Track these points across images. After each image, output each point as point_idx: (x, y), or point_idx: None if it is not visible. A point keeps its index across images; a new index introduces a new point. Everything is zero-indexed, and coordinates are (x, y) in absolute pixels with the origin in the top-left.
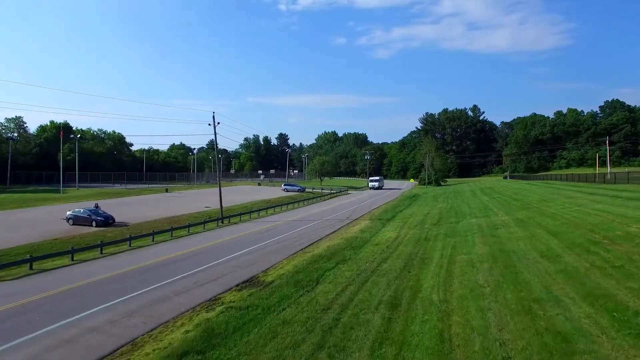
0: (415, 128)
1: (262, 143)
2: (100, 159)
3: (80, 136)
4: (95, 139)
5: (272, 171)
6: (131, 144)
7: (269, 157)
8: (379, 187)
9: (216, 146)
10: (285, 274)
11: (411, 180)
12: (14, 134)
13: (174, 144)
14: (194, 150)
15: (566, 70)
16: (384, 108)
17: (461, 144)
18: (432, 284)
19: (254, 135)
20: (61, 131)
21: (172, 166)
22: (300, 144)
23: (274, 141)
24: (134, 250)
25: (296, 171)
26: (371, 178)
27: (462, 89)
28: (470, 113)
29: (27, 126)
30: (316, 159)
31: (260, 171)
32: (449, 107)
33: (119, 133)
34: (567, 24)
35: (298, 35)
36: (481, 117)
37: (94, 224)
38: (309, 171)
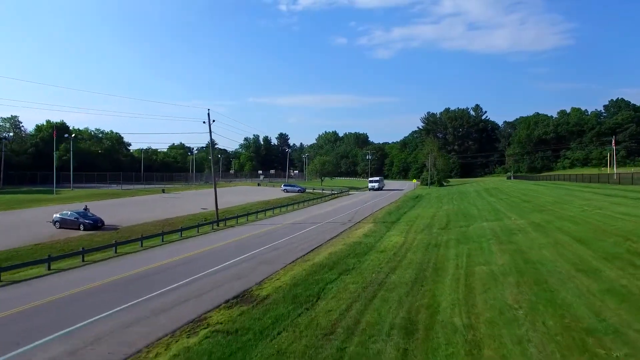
0: (416, 128)
1: (262, 143)
2: (97, 159)
3: (77, 136)
4: (93, 138)
5: (272, 171)
6: (129, 144)
7: (269, 157)
8: (379, 188)
9: (211, 144)
10: (282, 286)
11: (413, 180)
12: (10, 133)
13: (173, 144)
14: (194, 150)
15: (566, 70)
16: (385, 108)
17: (463, 144)
18: (451, 301)
19: (254, 135)
20: (54, 130)
21: (171, 166)
22: (301, 144)
23: (274, 141)
24: (119, 257)
25: (296, 171)
26: (370, 178)
27: (463, 89)
28: (472, 112)
29: (23, 126)
30: (317, 159)
31: (260, 171)
32: (449, 107)
33: (116, 133)
34: (567, 24)
35: (298, 35)
36: (483, 117)
37: (81, 227)
38: (309, 171)
